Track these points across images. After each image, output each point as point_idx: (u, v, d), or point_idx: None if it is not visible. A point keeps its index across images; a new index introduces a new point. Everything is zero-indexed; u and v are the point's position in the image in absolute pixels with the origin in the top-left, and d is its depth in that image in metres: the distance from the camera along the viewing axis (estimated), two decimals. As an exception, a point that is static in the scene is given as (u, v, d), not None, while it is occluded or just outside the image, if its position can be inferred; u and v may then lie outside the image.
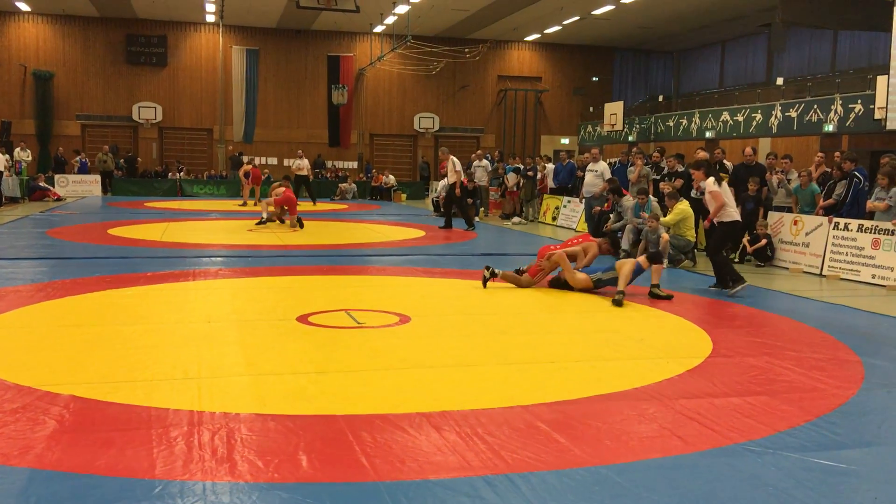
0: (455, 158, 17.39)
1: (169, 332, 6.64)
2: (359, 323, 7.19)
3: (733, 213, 9.45)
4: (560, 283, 9.35)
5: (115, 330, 6.68)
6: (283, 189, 16.87)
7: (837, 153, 12.53)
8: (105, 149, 29.38)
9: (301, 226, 16.27)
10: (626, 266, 8.82)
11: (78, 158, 28.84)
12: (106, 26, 31.63)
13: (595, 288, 9.08)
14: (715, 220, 9.47)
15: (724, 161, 14.10)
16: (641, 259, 8.97)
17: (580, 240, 10.14)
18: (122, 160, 30.23)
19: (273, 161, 33.22)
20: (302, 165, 24.92)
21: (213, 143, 33.17)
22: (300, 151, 26.17)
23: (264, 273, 10.18)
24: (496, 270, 9.32)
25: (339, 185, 29.93)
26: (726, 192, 9.52)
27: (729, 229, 9.51)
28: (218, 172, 32.16)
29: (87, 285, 8.81)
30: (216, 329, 6.78)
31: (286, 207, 16.63)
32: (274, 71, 33.26)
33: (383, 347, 6.29)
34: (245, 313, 7.54)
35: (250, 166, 24.26)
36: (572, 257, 9.58)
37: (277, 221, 16.98)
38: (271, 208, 16.86)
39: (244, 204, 23.38)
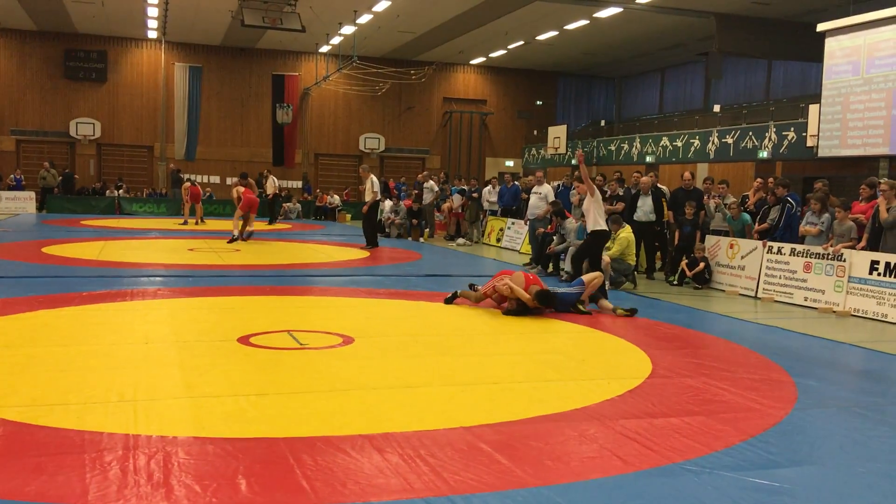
0: (374, 178, 17.43)
1: (104, 354, 6.47)
2: (301, 344, 7.11)
3: (602, 224, 10.53)
4: (518, 311, 9.02)
5: (48, 351, 6.48)
6: (242, 190, 17.12)
7: (771, 178, 12.92)
8: (46, 165, 28.64)
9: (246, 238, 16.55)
10: (596, 280, 9.35)
11: (13, 176, 28.02)
12: (44, 40, 30.94)
13: (548, 303, 9.00)
14: (588, 230, 10.63)
15: (660, 185, 14.43)
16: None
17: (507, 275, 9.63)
18: (59, 177, 29.49)
19: (215, 179, 32.81)
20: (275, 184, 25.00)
21: (154, 161, 32.61)
22: (266, 171, 26.12)
23: (205, 293, 10.01)
24: (458, 291, 9.86)
25: (283, 204, 29.61)
26: (598, 202, 10.52)
27: (598, 238, 10.60)
28: (158, 190, 31.59)
29: (19, 305, 8.54)
30: (154, 350, 6.64)
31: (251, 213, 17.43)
32: (217, 88, 32.92)
33: (326, 369, 6.24)
34: (184, 334, 7.39)
35: (189, 184, 23.95)
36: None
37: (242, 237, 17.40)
38: (241, 223, 17.37)
39: (185, 222, 23.00)
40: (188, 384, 5.59)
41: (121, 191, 29.86)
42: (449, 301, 9.73)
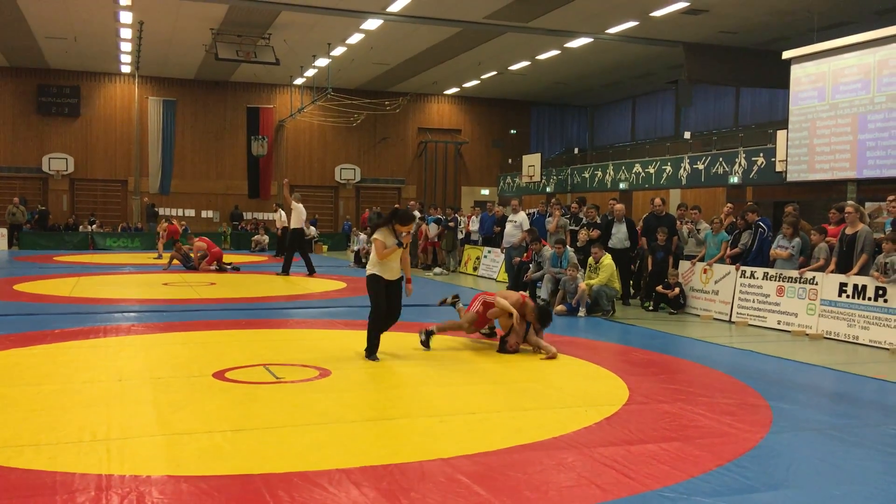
0: (302, 207, 17.67)
1: (77, 393, 6.38)
2: (277, 378, 7.06)
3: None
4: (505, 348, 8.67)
5: (20, 391, 6.38)
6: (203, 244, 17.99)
7: (751, 203, 13.12)
8: (16, 200, 28.35)
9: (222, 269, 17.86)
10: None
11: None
12: (16, 76, 30.78)
13: (546, 320, 8.73)
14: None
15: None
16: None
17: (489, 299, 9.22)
18: (35, 214, 29.23)
19: (191, 212, 32.64)
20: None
21: (128, 195, 32.40)
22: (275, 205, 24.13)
23: (179, 328, 9.92)
24: (433, 329, 8.87)
25: (252, 238, 29.37)
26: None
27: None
28: (133, 225, 31.37)
29: (-10, 344, 8.41)
30: (127, 388, 6.56)
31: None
32: (192, 122, 32.88)
33: (302, 402, 6.20)
34: (158, 370, 7.32)
35: (166, 223, 23.89)
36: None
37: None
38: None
39: (159, 257, 22.83)
40: (162, 421, 5.53)
41: (94, 226, 29.61)
42: (425, 343, 8.70)
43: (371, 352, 8.02)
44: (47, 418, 5.54)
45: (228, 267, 19.07)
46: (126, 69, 30.74)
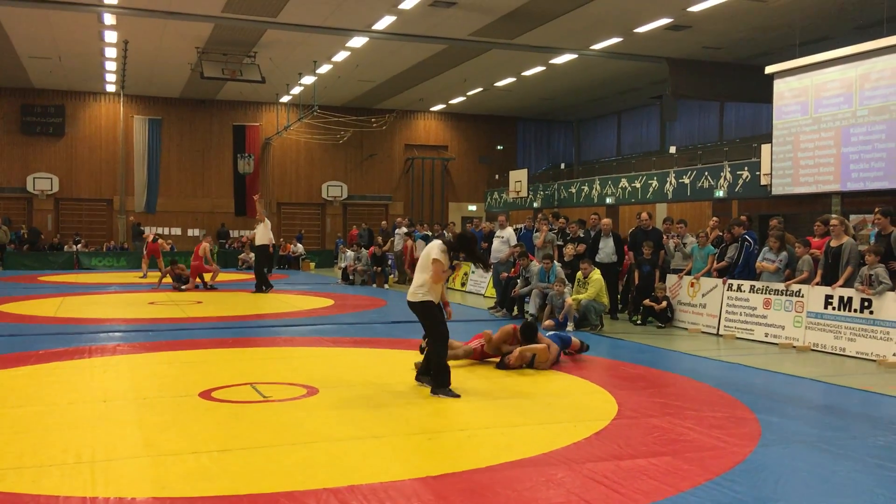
0: (269, 222, 18.05)
1: (61, 414, 6.31)
2: (265, 397, 7.01)
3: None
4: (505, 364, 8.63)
5: (3, 413, 6.30)
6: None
7: (744, 216, 13.24)
8: (-1, 220, 28.21)
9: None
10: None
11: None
12: (0, 96, 30.66)
13: (531, 334, 8.79)
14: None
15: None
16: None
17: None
18: (24, 234, 29.05)
19: (177, 231, 32.52)
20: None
21: (114, 214, 32.26)
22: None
23: (165, 347, 9.84)
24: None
25: (238, 256, 29.18)
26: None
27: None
28: (119, 244, 31.20)
29: (-27, 366, 8.31)
30: (112, 408, 6.49)
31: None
32: (178, 140, 32.82)
33: (290, 421, 6.15)
34: (144, 390, 7.25)
35: (149, 240, 23.81)
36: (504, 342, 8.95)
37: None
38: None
39: (144, 276, 22.70)
40: (148, 442, 5.47)
41: (79, 245, 29.43)
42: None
43: (445, 383, 7.17)
44: (31, 440, 5.47)
45: (200, 285, 18.92)
46: (111, 88, 30.69)
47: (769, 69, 18.28)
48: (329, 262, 30.88)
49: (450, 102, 33.67)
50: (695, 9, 18.78)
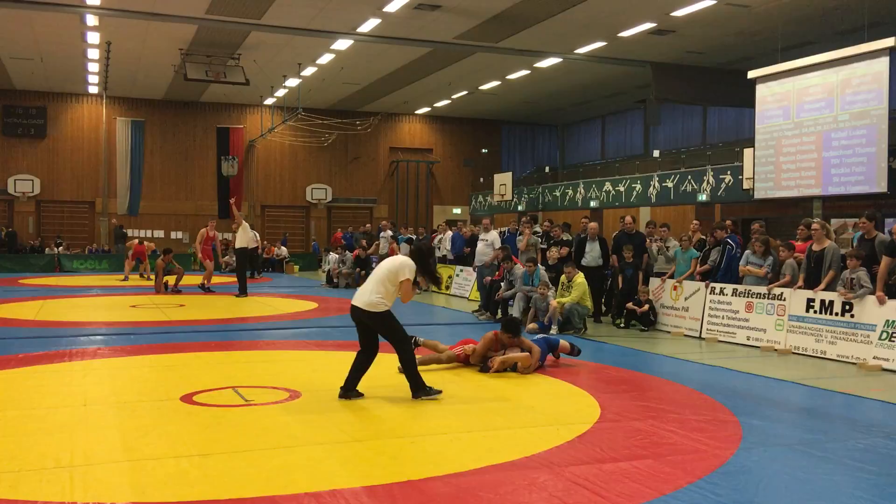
0: (248, 224, 17.94)
1: (40, 418, 6.24)
2: (247, 400, 6.97)
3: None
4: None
5: (-20, 417, 6.23)
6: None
7: (729, 221, 13.35)
8: (-20, 222, 27.93)
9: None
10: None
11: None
12: (-20, 97, 30.41)
13: (514, 329, 8.81)
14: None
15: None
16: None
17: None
18: (3, 236, 28.76)
19: (160, 233, 32.30)
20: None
21: (96, 217, 32.00)
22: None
23: (147, 351, 9.77)
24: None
25: (223, 259, 28.98)
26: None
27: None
28: (100, 246, 30.96)
29: (-50, 370, 8.22)
30: (92, 413, 6.43)
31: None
32: (161, 143, 32.62)
33: (272, 425, 6.12)
34: (124, 394, 7.19)
35: (135, 242, 23.66)
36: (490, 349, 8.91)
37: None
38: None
39: (125, 279, 22.53)
40: (128, 447, 5.42)
41: (60, 248, 29.18)
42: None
43: (422, 385, 7.12)
44: (9, 445, 5.41)
45: (171, 289, 18.69)
46: (94, 90, 30.46)
47: (752, 74, 18.38)
48: (313, 265, 30.78)
49: (434, 105, 33.67)
50: (678, 14, 18.88)
